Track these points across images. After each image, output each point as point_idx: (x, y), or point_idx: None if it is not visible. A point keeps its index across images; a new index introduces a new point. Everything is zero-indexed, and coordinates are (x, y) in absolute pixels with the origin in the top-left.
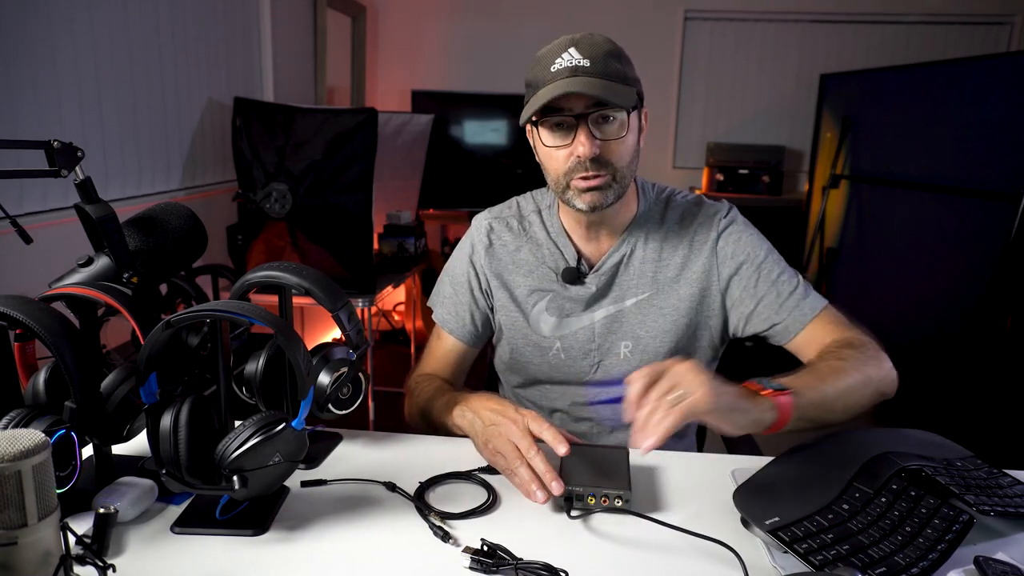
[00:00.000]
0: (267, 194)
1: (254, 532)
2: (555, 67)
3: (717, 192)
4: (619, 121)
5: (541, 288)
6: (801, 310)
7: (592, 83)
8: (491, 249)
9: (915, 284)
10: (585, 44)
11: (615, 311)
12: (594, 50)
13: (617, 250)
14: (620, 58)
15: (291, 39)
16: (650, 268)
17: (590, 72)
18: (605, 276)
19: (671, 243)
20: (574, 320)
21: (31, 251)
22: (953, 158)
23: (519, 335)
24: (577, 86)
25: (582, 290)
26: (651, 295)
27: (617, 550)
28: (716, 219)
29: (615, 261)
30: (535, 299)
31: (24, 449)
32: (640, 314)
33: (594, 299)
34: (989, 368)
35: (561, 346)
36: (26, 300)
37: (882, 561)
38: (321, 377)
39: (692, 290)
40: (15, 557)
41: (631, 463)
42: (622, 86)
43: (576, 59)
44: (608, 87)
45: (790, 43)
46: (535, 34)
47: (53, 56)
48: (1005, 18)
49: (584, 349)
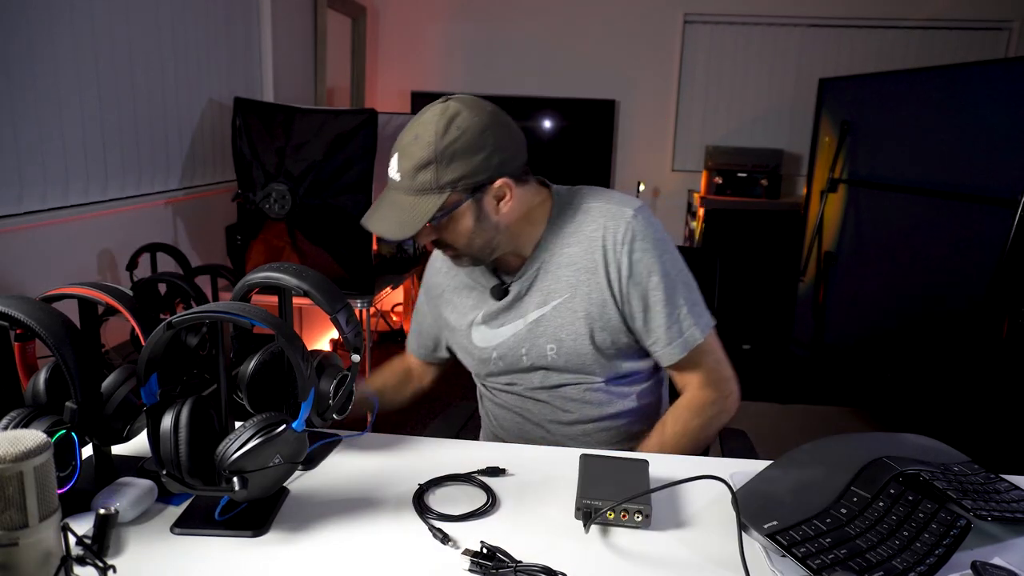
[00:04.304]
0: (267, 194)
1: (254, 533)
2: (387, 171)
3: (716, 195)
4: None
5: (476, 304)
6: (673, 349)
7: (390, 210)
8: (437, 275)
9: (912, 288)
10: (405, 152)
11: (538, 315)
12: (408, 162)
13: (533, 261)
14: (435, 162)
15: (291, 39)
16: (565, 272)
17: (399, 188)
18: (527, 282)
19: (582, 247)
20: (507, 328)
21: (31, 251)
22: (951, 163)
23: (462, 350)
24: (371, 221)
25: (508, 300)
26: (568, 298)
27: (617, 553)
28: (620, 228)
29: (534, 268)
30: (472, 314)
31: (26, 450)
32: (559, 317)
33: (519, 306)
34: (986, 373)
35: (498, 355)
36: (27, 300)
37: (880, 565)
38: (322, 384)
39: (603, 296)
40: (16, 558)
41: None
42: (427, 198)
43: (393, 172)
44: (405, 211)
45: (789, 47)
46: (534, 36)
47: (53, 56)
48: (1003, 24)
49: (517, 355)
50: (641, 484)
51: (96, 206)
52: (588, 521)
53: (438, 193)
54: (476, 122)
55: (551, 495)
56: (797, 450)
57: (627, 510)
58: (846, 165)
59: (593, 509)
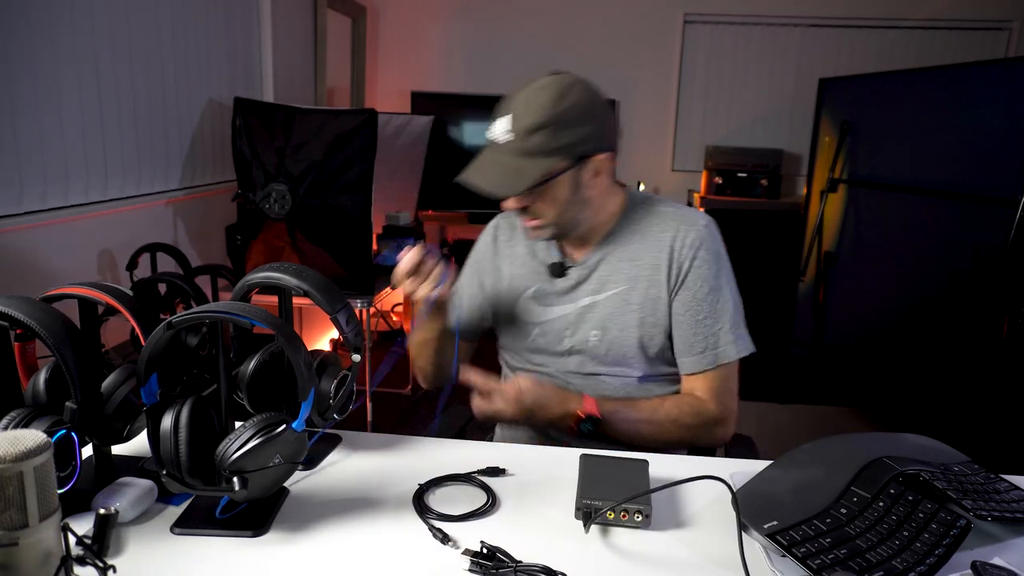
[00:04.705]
0: (267, 194)
1: (254, 533)
2: (490, 131)
3: (715, 195)
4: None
5: (529, 278)
6: (702, 359)
7: (494, 169)
8: (495, 244)
9: (912, 288)
10: (519, 113)
11: (590, 302)
12: (520, 123)
13: (599, 249)
14: (551, 125)
15: (291, 39)
16: (626, 265)
17: (507, 149)
18: (586, 270)
19: (648, 245)
20: (555, 309)
21: (31, 251)
22: (951, 163)
23: (505, 319)
24: (474, 176)
25: (564, 282)
26: (625, 289)
27: (617, 553)
28: (691, 234)
29: (597, 258)
30: (523, 288)
31: (26, 450)
32: (611, 306)
33: (574, 290)
34: (986, 372)
35: (540, 331)
36: (27, 300)
37: (880, 565)
38: (322, 384)
39: (659, 293)
40: (16, 558)
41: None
42: (537, 161)
43: (501, 132)
44: (511, 172)
45: (789, 47)
46: (534, 36)
47: (53, 56)
48: (1003, 24)
49: (559, 336)
50: (641, 484)
51: (96, 206)
52: (588, 521)
53: (547, 157)
54: (588, 96)
55: (551, 495)
56: (797, 450)
57: (627, 510)
58: (846, 165)
59: (593, 509)
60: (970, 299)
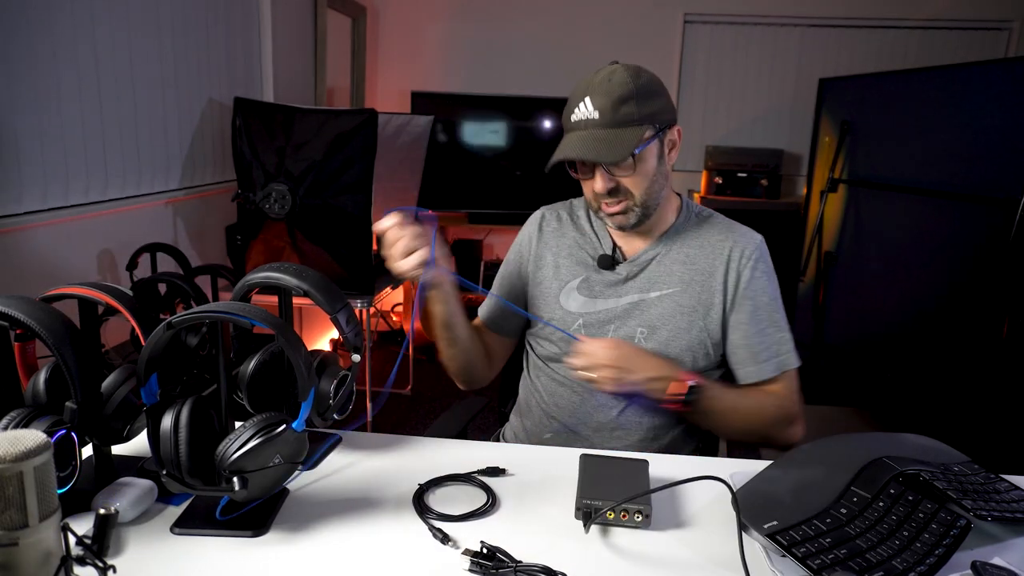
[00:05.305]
0: (267, 194)
1: (254, 533)
2: (573, 117)
3: (715, 196)
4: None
5: (577, 268)
6: (767, 367)
7: (592, 142)
8: (540, 233)
9: (912, 288)
10: (600, 91)
11: (639, 299)
12: (606, 99)
13: (653, 248)
14: (636, 97)
15: (291, 39)
16: (679, 268)
17: (598, 124)
18: (637, 267)
19: (704, 252)
20: (600, 301)
21: (31, 251)
22: (951, 163)
23: (545, 309)
24: (576, 151)
25: (613, 276)
26: (677, 292)
27: (617, 553)
28: (750, 246)
29: (649, 256)
30: (569, 277)
31: (26, 450)
32: (661, 306)
33: (623, 285)
34: (986, 373)
35: (583, 323)
36: (27, 300)
37: (880, 565)
38: (322, 384)
39: (712, 299)
40: (16, 558)
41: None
42: (630, 130)
43: (586, 112)
44: (608, 143)
45: (789, 47)
46: (534, 36)
47: (53, 56)
48: (1003, 24)
49: (603, 329)
50: (641, 484)
51: (96, 206)
52: (588, 521)
53: (638, 126)
54: (654, 75)
55: (551, 495)
56: (797, 450)
57: (627, 510)
58: (846, 165)
59: (593, 509)
60: (970, 299)
